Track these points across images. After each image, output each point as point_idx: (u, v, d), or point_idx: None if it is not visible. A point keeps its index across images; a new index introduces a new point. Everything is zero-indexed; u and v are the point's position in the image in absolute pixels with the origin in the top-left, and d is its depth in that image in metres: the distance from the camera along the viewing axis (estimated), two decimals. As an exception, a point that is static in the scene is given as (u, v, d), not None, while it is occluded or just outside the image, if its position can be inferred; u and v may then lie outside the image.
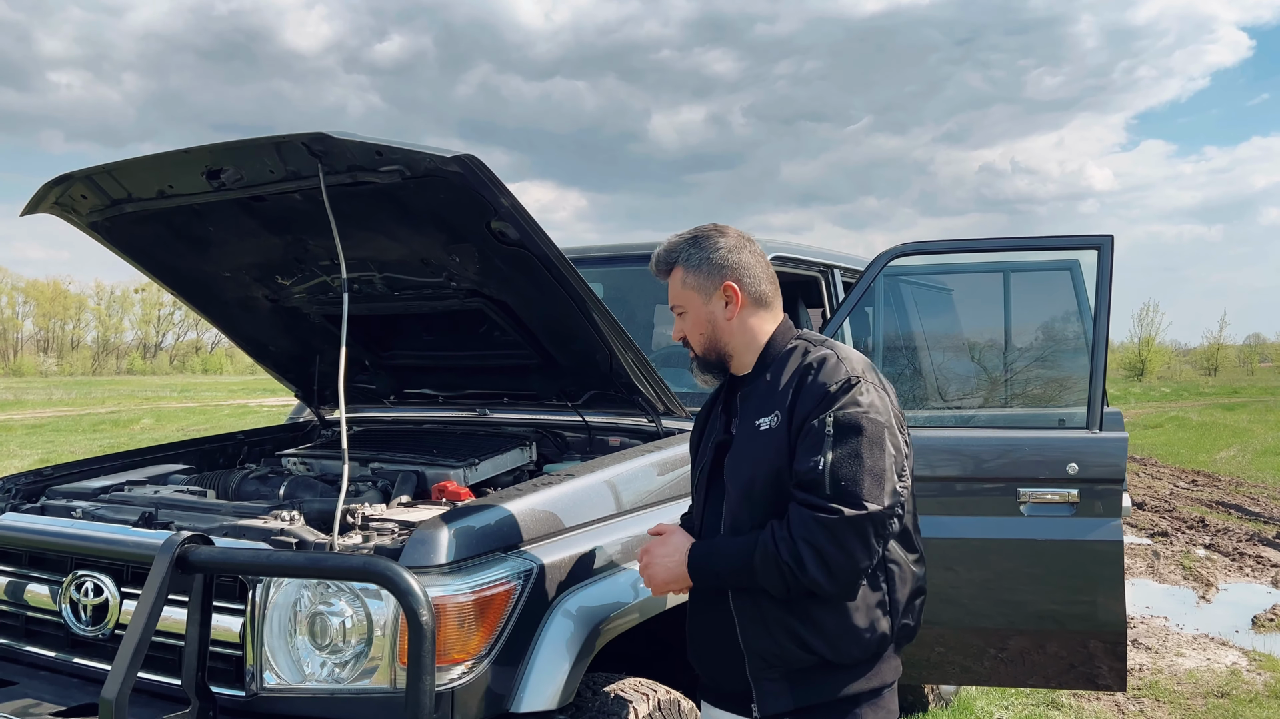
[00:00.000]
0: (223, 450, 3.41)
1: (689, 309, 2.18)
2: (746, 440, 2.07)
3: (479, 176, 2.26)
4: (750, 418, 2.08)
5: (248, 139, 2.38)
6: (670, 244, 2.19)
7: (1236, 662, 5.54)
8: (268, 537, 2.16)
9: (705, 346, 2.18)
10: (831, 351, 2.07)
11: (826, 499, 1.92)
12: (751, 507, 2.04)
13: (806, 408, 1.99)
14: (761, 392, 2.09)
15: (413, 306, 2.93)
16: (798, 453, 1.97)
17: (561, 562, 2.22)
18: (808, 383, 2.01)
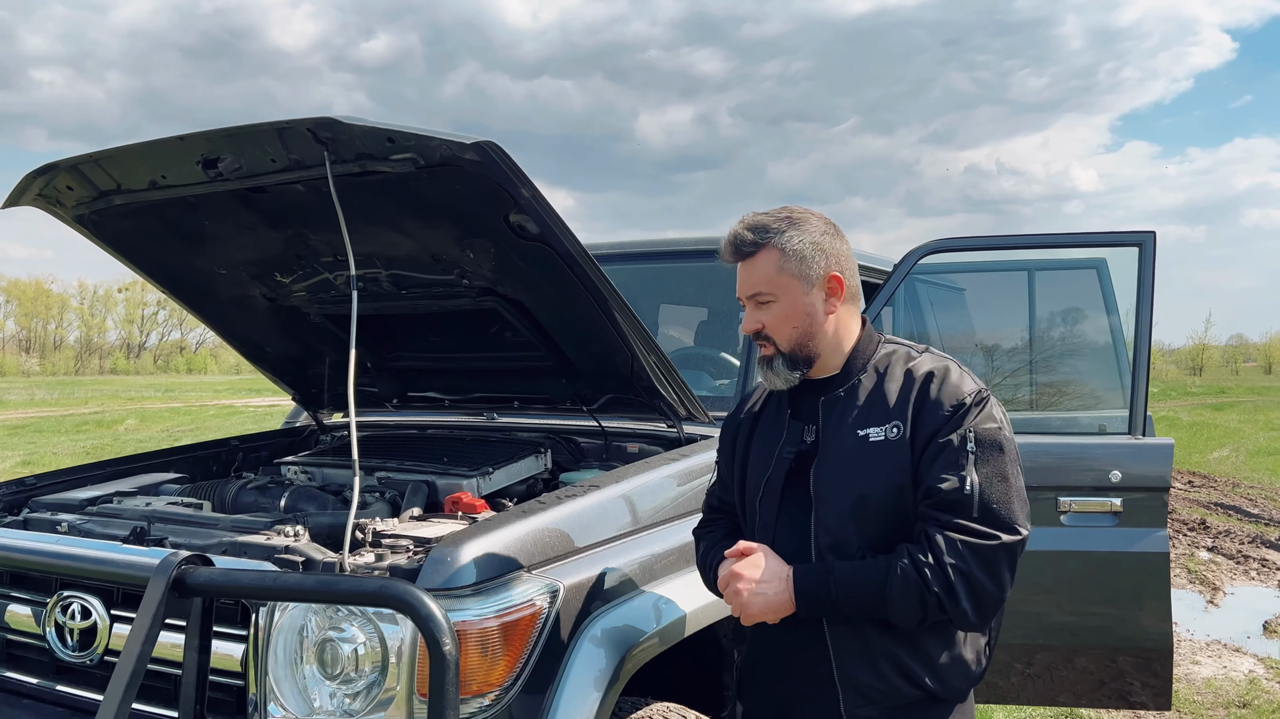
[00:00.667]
0: (216, 458, 3.23)
1: (783, 298, 1.92)
2: (852, 452, 1.87)
3: (499, 166, 2.09)
4: (850, 427, 1.89)
5: (247, 125, 2.21)
6: (758, 222, 1.94)
7: (1253, 669, 5.42)
8: (271, 555, 1.99)
9: (797, 342, 1.93)
10: (949, 361, 1.92)
11: (975, 522, 1.76)
12: (861, 526, 1.85)
13: (935, 422, 1.82)
14: (865, 399, 1.90)
15: (420, 306, 2.76)
16: (931, 470, 1.80)
17: (587, 581, 2.05)
18: (932, 394, 1.85)
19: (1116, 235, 3.14)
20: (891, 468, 1.84)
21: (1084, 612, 3.00)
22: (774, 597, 1.84)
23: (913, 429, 1.84)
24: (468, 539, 1.91)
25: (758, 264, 1.93)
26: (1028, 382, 3.99)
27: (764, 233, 1.93)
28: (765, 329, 1.95)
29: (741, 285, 1.97)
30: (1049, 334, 3.97)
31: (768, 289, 1.93)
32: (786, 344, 1.95)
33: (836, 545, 1.86)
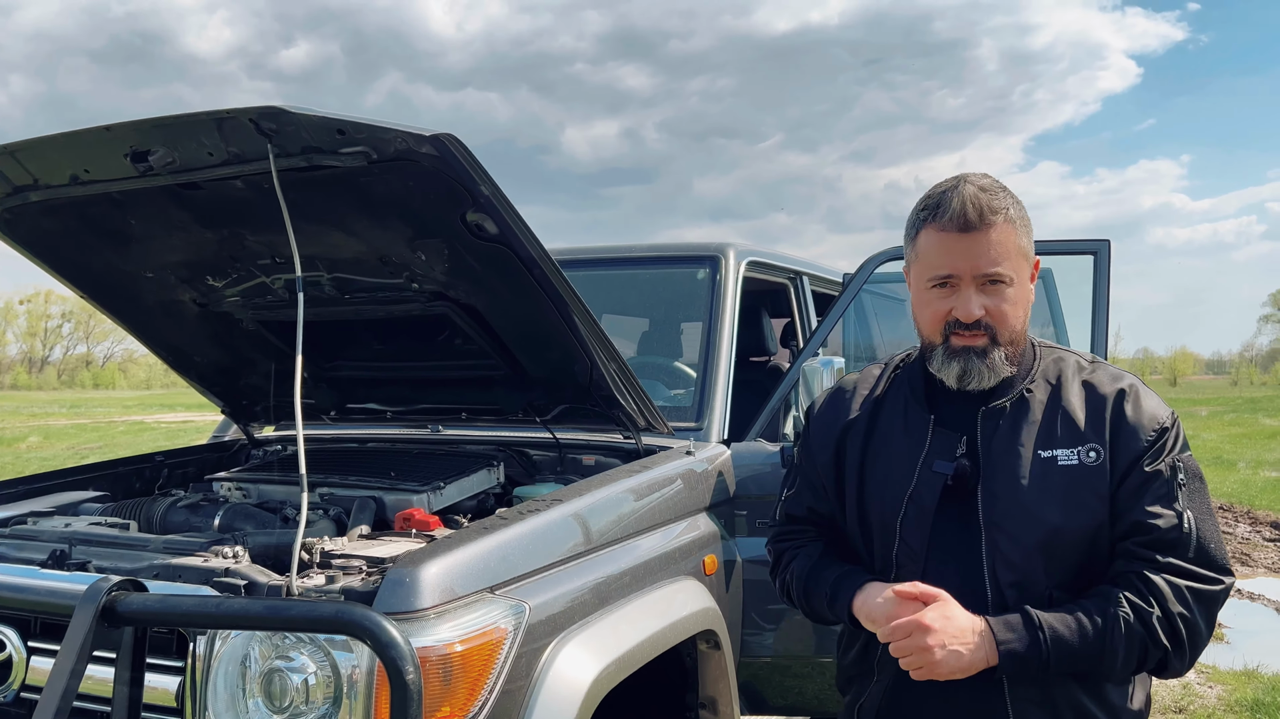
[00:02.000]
0: (139, 474, 3.02)
1: (1018, 280, 1.66)
2: (1036, 477, 1.64)
3: (458, 160, 1.97)
4: (1024, 445, 1.66)
5: (182, 114, 2.04)
6: (989, 185, 1.65)
7: (1187, 680, 5.52)
8: (210, 578, 1.82)
9: (1017, 334, 1.69)
10: (1130, 375, 1.72)
11: (1193, 563, 1.59)
12: (1050, 561, 1.63)
13: (1137, 449, 1.63)
14: (1038, 413, 1.68)
15: (365, 311, 2.61)
16: (1138, 503, 1.61)
17: (553, 601, 1.94)
18: (1129, 416, 1.64)
19: (1071, 244, 3.14)
20: (1091, 498, 1.62)
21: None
22: (970, 655, 1.57)
23: (1111, 455, 1.63)
24: (427, 558, 1.78)
25: (995, 238, 1.63)
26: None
27: (999, 198, 1.65)
28: (989, 316, 1.66)
29: (965, 259, 1.64)
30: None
31: (1009, 269, 1.65)
32: (1009, 335, 1.67)
33: (1021, 583, 1.63)
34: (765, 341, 4.11)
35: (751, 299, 3.64)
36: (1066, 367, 1.74)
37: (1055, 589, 1.64)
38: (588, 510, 2.19)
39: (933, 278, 1.69)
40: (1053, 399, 1.70)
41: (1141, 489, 1.63)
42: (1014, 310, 1.68)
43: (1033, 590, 1.64)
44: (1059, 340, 3.78)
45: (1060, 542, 1.64)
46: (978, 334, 1.67)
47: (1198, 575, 1.59)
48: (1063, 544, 1.64)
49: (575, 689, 1.86)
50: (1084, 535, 1.64)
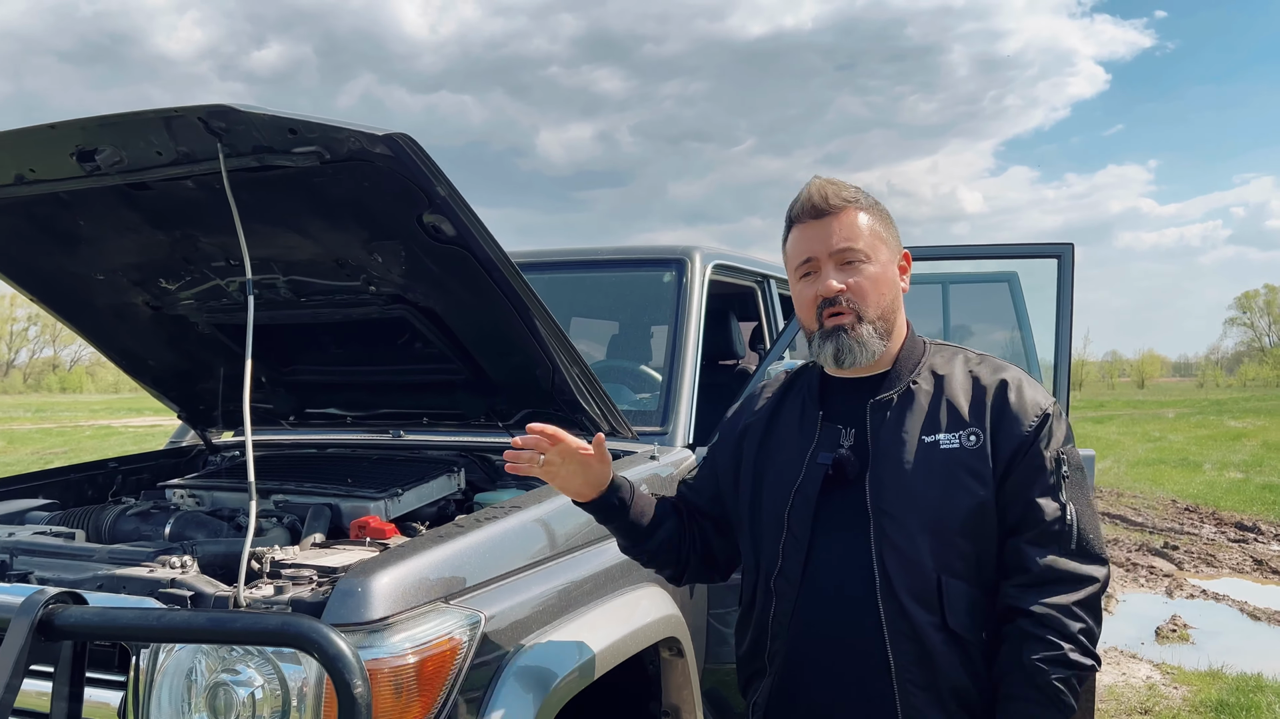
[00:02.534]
0: (91, 481, 2.95)
1: (876, 259, 1.75)
2: (916, 461, 1.70)
3: (413, 160, 1.93)
4: (909, 432, 1.72)
5: (130, 113, 1.99)
6: (836, 181, 1.79)
7: (1150, 675, 5.55)
8: (155, 589, 1.77)
9: (884, 311, 1.75)
10: (1014, 367, 1.80)
11: (1074, 557, 1.66)
12: (936, 544, 1.67)
13: (1018, 435, 1.69)
14: (924, 402, 1.74)
15: (322, 314, 2.56)
16: (1024, 494, 1.67)
17: (509, 611, 1.90)
18: (1011, 402, 1.71)
19: (1035, 247, 3.14)
20: (970, 479, 1.68)
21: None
22: None
23: (992, 440, 1.70)
24: (379, 568, 1.74)
25: (845, 220, 1.75)
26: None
27: (846, 190, 1.78)
28: (849, 291, 1.73)
29: (819, 242, 1.75)
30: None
31: (864, 246, 1.74)
32: (875, 311, 1.74)
33: (908, 566, 1.67)
34: (733, 345, 4.09)
35: (719, 302, 3.62)
36: (954, 360, 1.81)
37: (942, 573, 1.68)
38: (547, 517, 2.16)
39: (798, 267, 1.80)
40: (938, 389, 1.76)
41: (1028, 481, 1.69)
42: (874, 286, 1.75)
43: (920, 574, 1.68)
44: (1026, 345, 3.79)
45: (943, 523, 1.68)
46: (843, 312, 1.74)
47: (1083, 577, 1.66)
48: (946, 526, 1.68)
49: (532, 699, 1.82)
50: (966, 517, 1.68)
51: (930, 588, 1.67)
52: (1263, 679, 5.30)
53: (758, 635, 1.83)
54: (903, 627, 1.67)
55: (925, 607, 1.67)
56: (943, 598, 1.67)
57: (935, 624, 1.67)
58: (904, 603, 1.67)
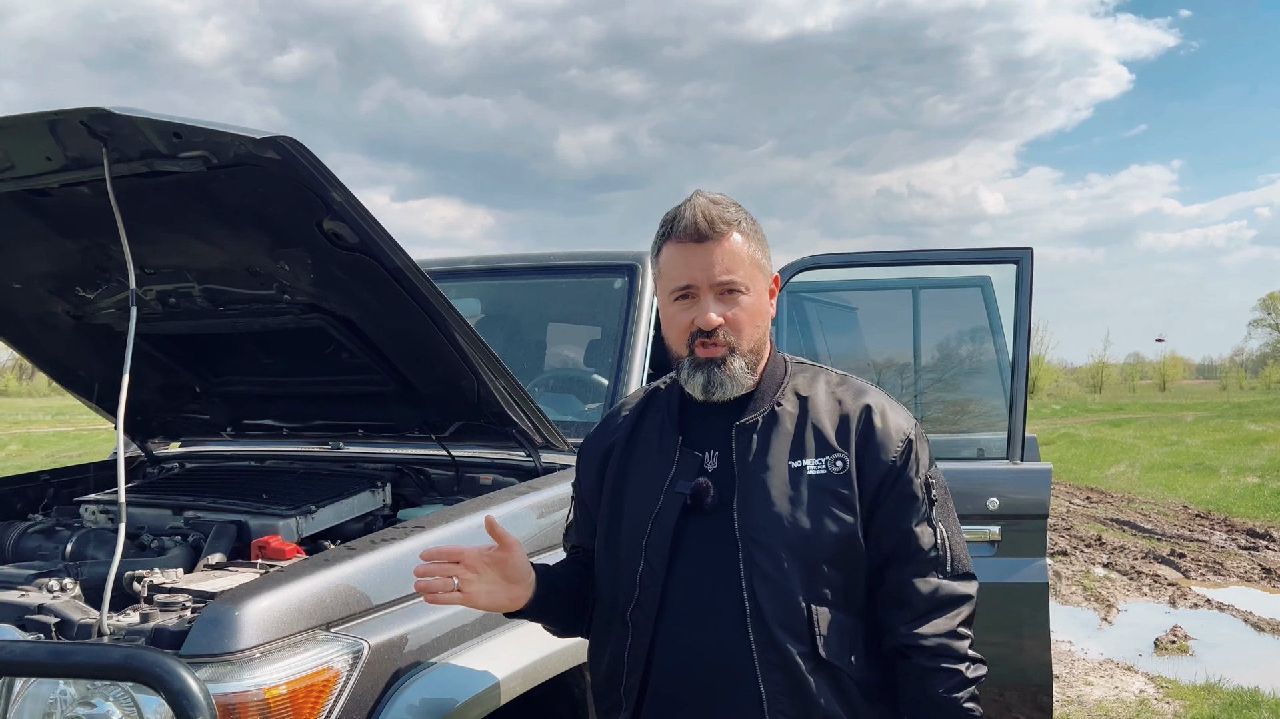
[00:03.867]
0: (21, 494, 2.88)
1: (753, 290, 1.68)
2: (782, 486, 1.63)
3: (303, 165, 1.85)
4: (775, 457, 1.65)
5: (13, 115, 1.92)
6: (719, 200, 1.68)
7: (1144, 689, 5.41)
8: (21, 615, 1.69)
9: (757, 343, 1.70)
10: (874, 388, 1.76)
11: (950, 578, 1.67)
12: (805, 570, 1.61)
13: (885, 463, 1.66)
14: (788, 425, 1.68)
15: (242, 324, 2.48)
16: (897, 521, 1.65)
17: (401, 639, 1.80)
18: (877, 428, 1.67)
19: (994, 252, 3.03)
20: (838, 505, 1.63)
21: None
22: None
23: (858, 466, 1.65)
24: (251, 594, 1.65)
25: (727, 248, 1.66)
26: (913, 404, 3.87)
27: (730, 211, 1.68)
28: (727, 325, 1.66)
29: (700, 269, 1.65)
30: (934, 354, 3.86)
31: (741, 277, 1.66)
32: (747, 344, 1.68)
33: (778, 595, 1.61)
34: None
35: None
36: (816, 382, 1.75)
37: (813, 602, 1.62)
38: (453, 538, 2.06)
39: (674, 290, 1.70)
40: (803, 412, 1.70)
41: (902, 511, 1.66)
42: (750, 320, 1.68)
43: (789, 603, 1.62)
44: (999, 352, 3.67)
45: (812, 551, 1.62)
46: (718, 344, 1.67)
47: (962, 597, 1.68)
48: (815, 554, 1.62)
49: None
50: (834, 544, 1.63)
51: (800, 617, 1.62)
52: (1259, 694, 5.14)
53: (613, 667, 1.75)
54: (773, 657, 1.60)
55: (796, 637, 1.61)
56: (813, 627, 1.62)
57: (806, 654, 1.61)
58: (774, 633, 1.61)
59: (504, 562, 1.69)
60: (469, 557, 1.67)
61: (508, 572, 1.70)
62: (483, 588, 1.68)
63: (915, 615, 1.64)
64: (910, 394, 3.91)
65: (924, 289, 3.79)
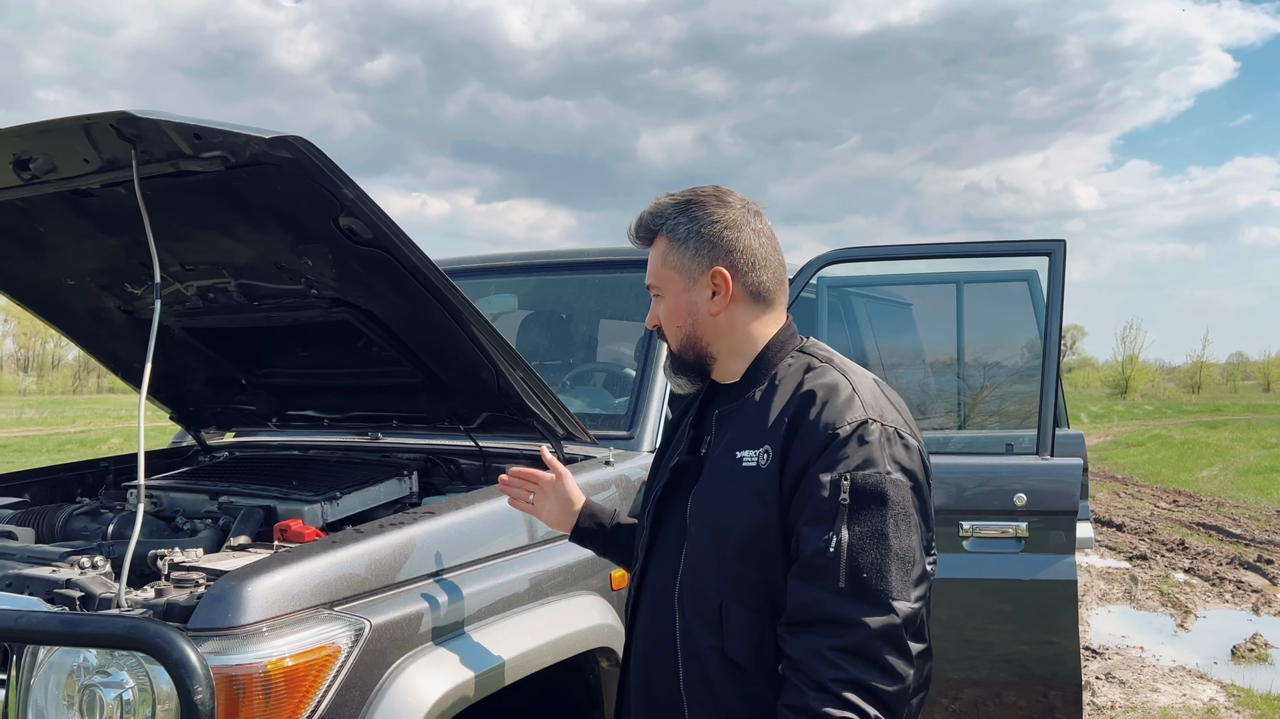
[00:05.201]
0: (81, 480, 3.05)
1: (667, 292, 1.75)
2: (722, 476, 1.63)
3: (313, 163, 1.92)
4: (729, 446, 1.64)
5: (54, 120, 2.04)
6: (659, 205, 1.75)
7: (1214, 697, 5.22)
8: (50, 589, 1.81)
9: (682, 343, 1.75)
10: (841, 375, 1.62)
11: (841, 597, 1.45)
12: (721, 567, 1.59)
13: (805, 453, 1.53)
14: (748, 414, 1.65)
15: (275, 318, 2.58)
16: (795, 520, 1.53)
17: (404, 619, 1.86)
18: (809, 418, 1.55)
19: (1026, 244, 2.96)
20: (753, 499, 1.57)
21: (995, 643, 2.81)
22: None
23: (782, 457, 1.56)
24: (257, 573, 1.73)
25: (652, 253, 1.77)
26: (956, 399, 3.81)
27: (657, 217, 1.75)
28: (660, 325, 1.78)
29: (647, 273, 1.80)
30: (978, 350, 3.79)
31: (655, 281, 1.76)
32: (674, 343, 1.77)
33: (696, 586, 1.62)
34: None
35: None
36: (795, 369, 1.67)
37: (727, 599, 1.59)
38: (464, 524, 2.12)
39: None
40: (764, 401, 1.65)
41: (800, 508, 1.53)
42: (670, 320, 1.76)
43: (704, 596, 1.61)
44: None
45: (725, 545, 1.59)
46: (666, 345, 1.79)
47: (843, 620, 1.45)
48: (727, 548, 1.59)
49: (415, 708, 1.79)
50: (745, 539, 1.57)
51: (712, 611, 1.60)
52: (1338, 706, 4.92)
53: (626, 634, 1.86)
54: (691, 645, 1.63)
55: (708, 629, 1.61)
56: (723, 623, 1.59)
57: (715, 648, 1.60)
58: (690, 622, 1.63)
59: (557, 487, 2.03)
60: (543, 479, 2.04)
61: (561, 498, 2.03)
62: (548, 507, 2.05)
63: (790, 622, 1.51)
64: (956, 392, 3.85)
65: (968, 284, 3.73)
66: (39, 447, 21.51)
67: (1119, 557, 9.30)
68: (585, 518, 2.02)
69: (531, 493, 2.07)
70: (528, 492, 2.07)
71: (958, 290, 3.72)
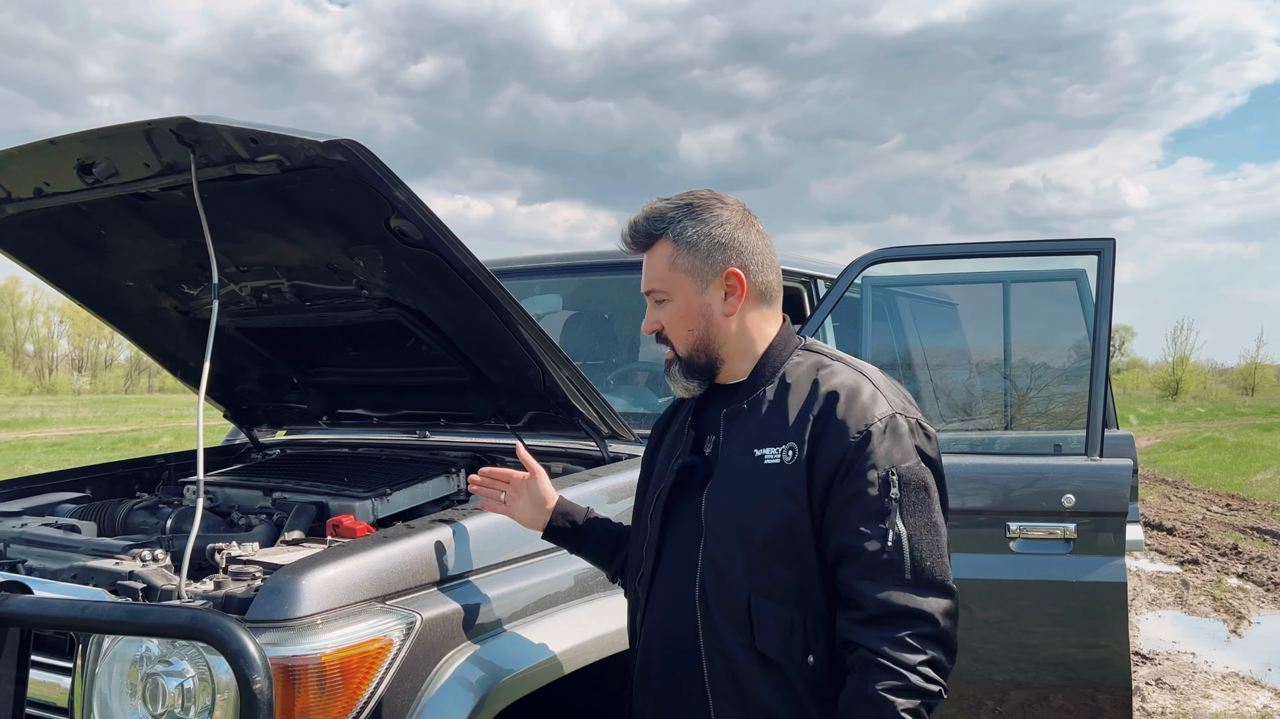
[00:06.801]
0: (139, 476, 3.13)
1: (676, 296, 1.74)
2: (742, 474, 1.66)
3: (366, 166, 1.96)
4: (745, 444, 1.67)
5: (116, 125, 2.10)
6: (655, 210, 1.75)
7: (1268, 705, 5.12)
8: (114, 581, 1.87)
9: (694, 346, 1.75)
10: (858, 373, 1.68)
11: (909, 587, 1.52)
12: (748, 564, 1.61)
13: (839, 451, 1.57)
14: (763, 413, 1.68)
15: (326, 318, 2.64)
16: (846, 520, 1.56)
17: (454, 613, 1.90)
18: (836, 416, 1.60)
19: (1075, 243, 2.94)
20: (781, 496, 1.59)
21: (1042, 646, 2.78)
22: None
23: (810, 455, 1.59)
24: (311, 567, 1.77)
25: (653, 258, 1.76)
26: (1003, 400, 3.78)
27: (658, 221, 1.75)
28: (664, 330, 1.78)
29: (641, 279, 1.79)
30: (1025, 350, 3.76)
31: (662, 286, 1.76)
32: (685, 348, 1.77)
33: (721, 583, 1.63)
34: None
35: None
36: (806, 366, 1.72)
37: (754, 594, 1.61)
38: (511, 521, 2.15)
39: None
40: (779, 398, 1.69)
41: (850, 506, 1.56)
42: (680, 324, 1.75)
43: (732, 593, 1.62)
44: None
45: (754, 542, 1.61)
46: (670, 349, 1.78)
47: (919, 614, 1.53)
48: (757, 545, 1.61)
49: (465, 701, 1.82)
50: (776, 536, 1.60)
51: (740, 607, 1.62)
52: (1398, 715, 4.80)
53: (630, 636, 1.88)
54: (715, 643, 1.64)
55: (735, 626, 1.62)
56: (752, 619, 1.61)
57: (744, 644, 1.61)
58: (715, 619, 1.64)
59: (529, 485, 2.01)
60: (515, 478, 2.03)
61: (534, 496, 2.01)
62: (521, 505, 2.02)
63: (864, 620, 1.54)
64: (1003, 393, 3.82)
65: (1015, 283, 3.69)
66: (93, 444, 22.01)
67: (1170, 561, 9.14)
68: (559, 516, 2.02)
69: (503, 492, 2.05)
70: (499, 491, 2.06)
71: (1004, 290, 3.69)
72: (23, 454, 19.17)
